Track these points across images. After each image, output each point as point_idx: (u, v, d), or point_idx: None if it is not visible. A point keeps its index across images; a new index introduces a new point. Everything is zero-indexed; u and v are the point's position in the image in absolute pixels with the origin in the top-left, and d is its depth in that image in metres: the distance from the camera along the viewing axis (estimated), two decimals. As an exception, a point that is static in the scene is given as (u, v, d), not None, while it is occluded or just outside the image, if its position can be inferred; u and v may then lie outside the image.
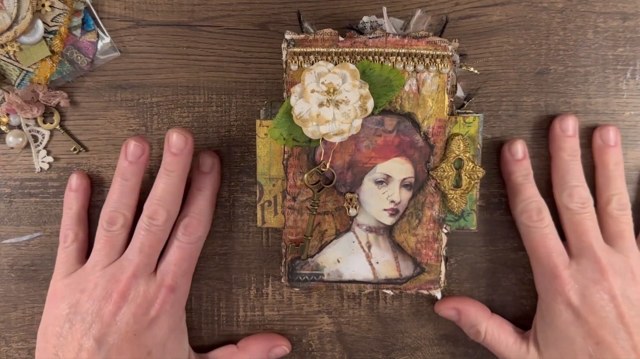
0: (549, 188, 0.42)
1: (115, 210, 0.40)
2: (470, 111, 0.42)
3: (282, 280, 0.41)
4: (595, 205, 0.41)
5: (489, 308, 0.44)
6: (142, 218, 0.40)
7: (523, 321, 0.44)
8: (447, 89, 0.39)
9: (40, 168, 0.43)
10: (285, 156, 0.40)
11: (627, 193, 0.41)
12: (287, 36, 0.39)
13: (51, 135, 0.43)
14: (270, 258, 0.44)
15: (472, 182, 0.40)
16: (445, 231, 0.40)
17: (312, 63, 0.38)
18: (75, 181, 0.42)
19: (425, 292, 0.41)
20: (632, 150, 0.43)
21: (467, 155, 0.39)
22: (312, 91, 0.37)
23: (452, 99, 0.39)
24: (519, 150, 0.41)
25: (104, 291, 0.39)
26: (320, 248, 0.41)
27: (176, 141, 0.39)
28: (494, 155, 0.43)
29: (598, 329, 0.38)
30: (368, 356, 0.45)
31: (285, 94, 0.39)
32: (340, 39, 0.39)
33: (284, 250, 0.40)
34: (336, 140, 0.38)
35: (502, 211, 0.44)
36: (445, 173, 0.39)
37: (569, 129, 0.41)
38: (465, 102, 0.43)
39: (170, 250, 0.41)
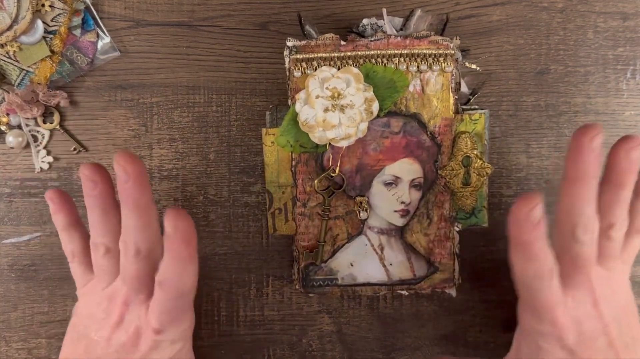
0: (550, 188, 0.42)
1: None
2: (476, 106, 0.42)
3: (296, 286, 0.41)
4: None
5: (487, 308, 0.44)
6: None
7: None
8: (451, 87, 0.39)
9: (40, 168, 0.43)
10: (293, 163, 0.40)
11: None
12: (289, 43, 0.39)
13: (51, 135, 0.43)
14: (270, 258, 0.44)
15: (482, 179, 0.40)
16: (457, 229, 0.41)
17: (315, 69, 0.38)
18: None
19: (439, 291, 0.41)
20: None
21: (475, 152, 0.40)
22: (317, 97, 0.38)
23: (456, 97, 0.40)
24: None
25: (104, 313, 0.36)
26: (333, 253, 0.41)
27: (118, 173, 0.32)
28: (495, 154, 0.43)
29: None
30: (368, 356, 0.45)
31: (290, 101, 0.39)
32: (342, 43, 0.39)
33: (295, 255, 0.41)
34: (343, 144, 0.38)
35: (502, 211, 0.44)
36: (454, 172, 0.40)
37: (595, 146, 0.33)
38: (470, 97, 0.43)
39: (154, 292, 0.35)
